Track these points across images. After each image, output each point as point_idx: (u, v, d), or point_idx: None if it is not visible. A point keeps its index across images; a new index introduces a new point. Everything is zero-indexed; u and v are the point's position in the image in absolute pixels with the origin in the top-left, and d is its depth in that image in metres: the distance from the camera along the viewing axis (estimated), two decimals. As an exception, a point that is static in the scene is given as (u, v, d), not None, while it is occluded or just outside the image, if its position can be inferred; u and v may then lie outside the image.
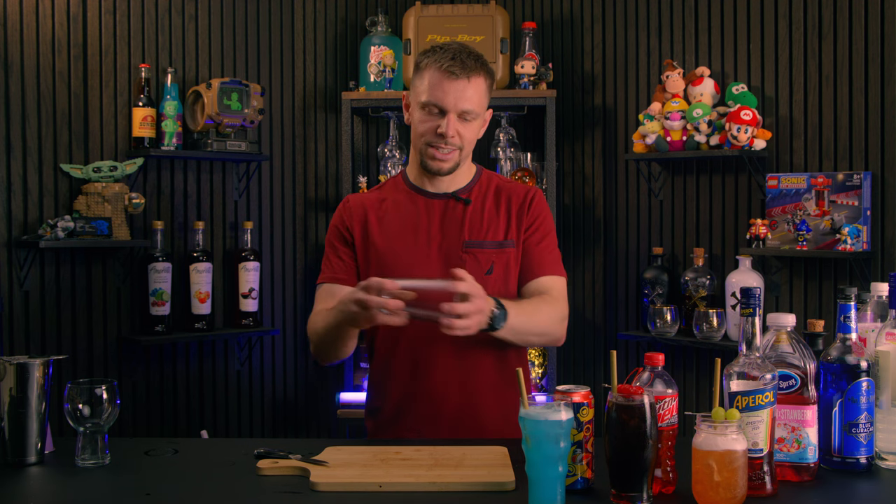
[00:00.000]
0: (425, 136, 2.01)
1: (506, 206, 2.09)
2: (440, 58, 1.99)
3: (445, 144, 1.99)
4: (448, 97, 1.97)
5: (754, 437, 1.47)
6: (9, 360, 1.68)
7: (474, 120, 2.02)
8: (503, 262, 2.04)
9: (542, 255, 2.08)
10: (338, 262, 2.09)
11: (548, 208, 2.14)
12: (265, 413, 3.65)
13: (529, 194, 2.11)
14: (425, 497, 1.49)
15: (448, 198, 2.08)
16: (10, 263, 3.00)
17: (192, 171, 3.44)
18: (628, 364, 3.55)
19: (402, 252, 2.03)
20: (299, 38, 3.73)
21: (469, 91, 1.99)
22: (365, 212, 2.09)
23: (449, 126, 1.98)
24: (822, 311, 3.08)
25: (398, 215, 2.08)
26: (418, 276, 1.89)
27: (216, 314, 3.44)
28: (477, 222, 2.05)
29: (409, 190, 2.11)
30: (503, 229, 2.06)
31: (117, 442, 1.79)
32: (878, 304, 1.77)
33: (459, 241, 2.03)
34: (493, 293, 1.97)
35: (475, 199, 2.08)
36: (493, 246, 2.04)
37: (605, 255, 3.68)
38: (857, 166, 3.01)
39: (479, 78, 2.01)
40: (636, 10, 3.56)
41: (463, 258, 2.01)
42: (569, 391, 1.49)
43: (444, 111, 1.98)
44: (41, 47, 3.07)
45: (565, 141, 3.73)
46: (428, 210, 2.07)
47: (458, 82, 1.97)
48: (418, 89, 2.02)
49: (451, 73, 1.97)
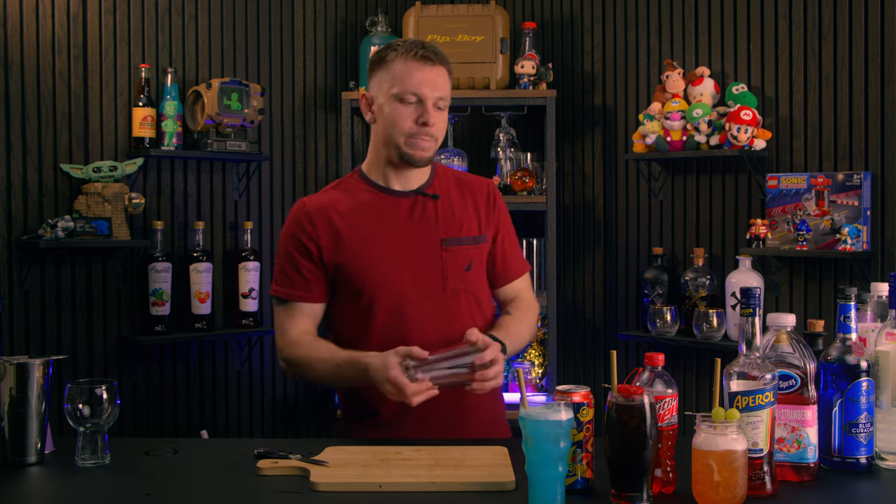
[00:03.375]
0: (405, 129, 1.95)
1: (472, 200, 2.07)
2: (410, 47, 1.96)
3: (427, 135, 1.95)
4: (424, 85, 1.94)
5: (754, 437, 1.47)
6: (9, 360, 1.68)
7: (444, 110, 1.99)
8: (479, 257, 2.04)
9: (512, 257, 2.13)
10: (298, 278, 2.00)
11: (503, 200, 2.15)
12: (265, 413, 3.65)
13: (491, 189, 2.11)
14: (425, 497, 1.49)
15: (416, 194, 2.03)
16: (10, 263, 3.00)
17: (192, 171, 3.44)
18: (628, 364, 3.55)
19: (376, 255, 1.98)
20: (299, 38, 3.73)
21: (441, 79, 1.97)
22: (327, 215, 2.00)
23: (430, 114, 1.94)
24: (822, 311, 3.08)
25: (365, 216, 2.01)
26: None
27: (216, 314, 3.44)
28: (450, 218, 2.03)
29: (374, 190, 2.04)
30: (475, 224, 2.05)
31: (117, 442, 1.79)
32: (878, 304, 1.77)
33: (436, 239, 2.00)
34: (471, 288, 2.01)
35: (442, 194, 2.05)
36: (470, 242, 2.02)
37: (605, 255, 3.68)
38: (857, 166, 3.01)
39: (445, 69, 1.99)
40: (636, 10, 3.56)
41: (442, 256, 1.99)
42: (569, 391, 1.49)
43: (422, 99, 1.94)
44: (41, 47, 3.07)
45: (565, 141, 3.73)
46: (398, 210, 2.02)
47: (434, 69, 1.95)
48: (387, 82, 1.96)
49: (426, 58, 1.94)
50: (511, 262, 2.12)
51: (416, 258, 1.99)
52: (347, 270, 1.98)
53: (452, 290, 1.98)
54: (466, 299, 2.01)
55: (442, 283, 1.98)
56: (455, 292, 1.98)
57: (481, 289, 2.06)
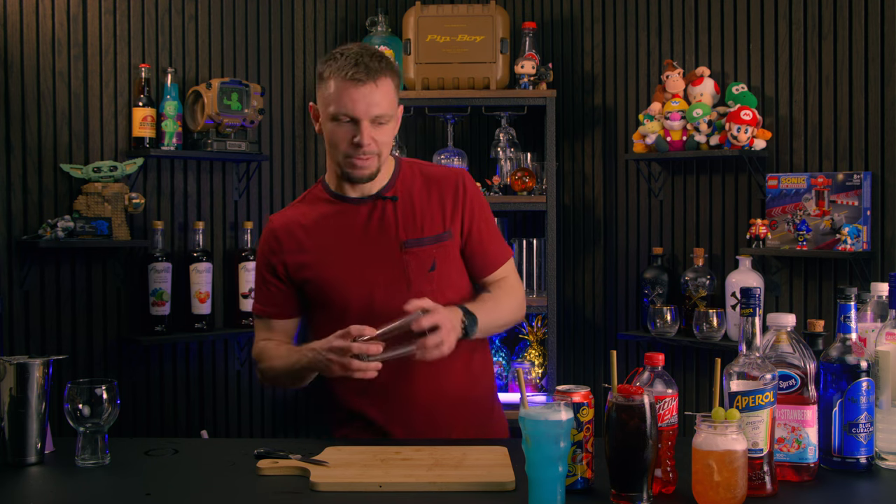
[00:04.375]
0: (341, 149, 1.94)
1: (438, 195, 2.03)
2: (343, 65, 1.90)
3: (364, 153, 1.93)
4: (358, 105, 1.89)
5: (754, 437, 1.47)
6: (9, 360, 1.68)
7: (387, 123, 1.95)
8: (444, 255, 2.00)
9: (491, 247, 2.07)
10: (266, 295, 2.05)
11: (478, 189, 2.10)
12: (265, 413, 3.65)
13: (460, 181, 2.05)
14: (425, 497, 1.49)
15: (374, 199, 2.01)
16: (10, 263, 3.00)
17: (192, 171, 3.43)
18: (628, 364, 3.55)
19: (340, 265, 1.98)
20: (299, 38, 3.73)
21: (377, 95, 1.90)
22: (291, 232, 2.02)
23: (364, 135, 1.90)
24: (822, 311, 3.08)
25: (327, 228, 2.01)
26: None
27: (216, 314, 3.44)
28: (410, 219, 2.00)
29: (332, 199, 2.03)
30: (439, 220, 2.01)
31: (117, 442, 1.79)
32: (878, 304, 1.77)
33: (396, 243, 1.98)
34: (438, 288, 1.97)
35: (402, 195, 2.02)
36: (432, 241, 1.99)
37: (605, 255, 3.68)
38: (857, 166, 3.01)
39: (385, 79, 1.92)
40: (636, 10, 3.56)
41: (404, 259, 1.97)
42: (569, 391, 1.49)
43: (356, 120, 1.91)
44: (41, 47, 3.07)
45: (565, 141, 3.73)
46: (356, 216, 2.01)
47: (365, 87, 1.89)
48: (325, 100, 1.95)
49: (357, 79, 1.88)
50: (490, 252, 2.07)
51: (378, 264, 1.97)
52: (314, 284, 2.00)
53: (417, 291, 1.94)
54: (434, 299, 1.92)
55: (406, 286, 1.96)
56: (420, 294, 1.92)
57: (451, 287, 2.01)
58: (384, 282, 1.96)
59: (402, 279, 1.97)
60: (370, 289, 1.96)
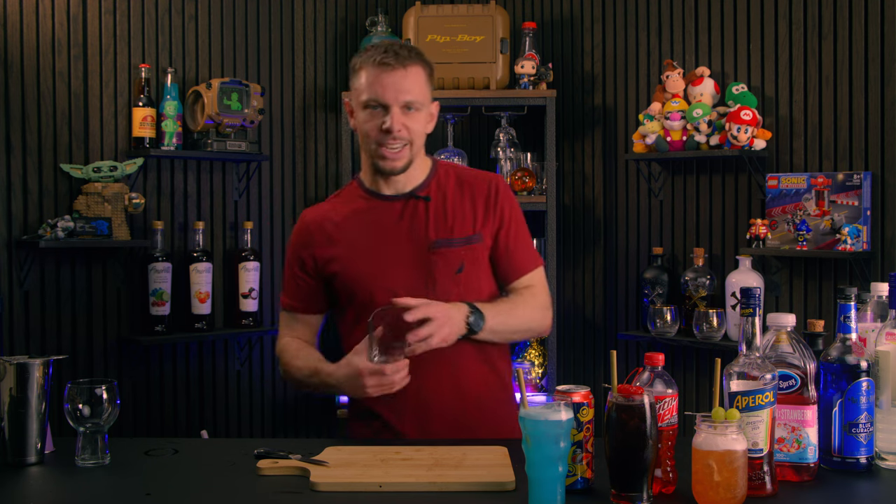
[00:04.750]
0: (372, 136, 1.95)
1: (470, 197, 2.03)
2: (373, 53, 1.94)
3: (394, 140, 1.93)
4: (387, 90, 1.91)
5: (754, 437, 1.47)
6: (9, 360, 1.68)
7: (419, 111, 1.95)
8: (473, 258, 1.99)
9: (518, 253, 2.06)
10: (294, 289, 2.07)
11: (512, 195, 2.09)
12: (265, 413, 3.65)
13: (493, 184, 2.05)
14: (425, 497, 1.49)
15: (407, 198, 2.02)
16: (10, 263, 3.00)
17: (192, 171, 3.44)
18: (628, 364, 3.55)
19: (367, 261, 1.98)
20: (299, 38, 3.73)
21: (408, 81, 1.93)
22: (322, 227, 2.04)
23: (394, 120, 1.92)
24: (822, 311, 3.08)
25: (358, 224, 2.02)
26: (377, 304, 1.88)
27: (216, 314, 3.44)
28: (441, 219, 2.00)
29: (366, 195, 2.05)
30: (470, 223, 2.00)
31: (117, 442, 1.79)
32: (878, 304, 1.77)
33: (426, 242, 1.98)
34: (465, 291, 1.96)
35: (435, 195, 2.02)
36: (462, 243, 1.98)
37: (605, 255, 3.68)
38: (857, 166, 3.01)
39: (416, 67, 1.95)
40: (636, 10, 3.56)
41: (432, 259, 1.96)
42: (569, 391, 1.49)
43: (386, 106, 1.92)
44: (41, 47, 3.07)
45: (565, 141, 3.73)
46: (388, 214, 2.01)
47: (395, 73, 1.91)
48: (357, 90, 1.97)
49: (386, 64, 1.91)
50: (517, 258, 2.06)
51: (404, 262, 1.97)
52: (341, 278, 2.01)
53: (442, 292, 1.94)
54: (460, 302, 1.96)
55: (432, 286, 1.96)
56: (446, 296, 1.94)
57: (477, 290, 2.00)
58: (409, 280, 1.96)
59: (429, 279, 1.96)
60: (395, 286, 1.95)
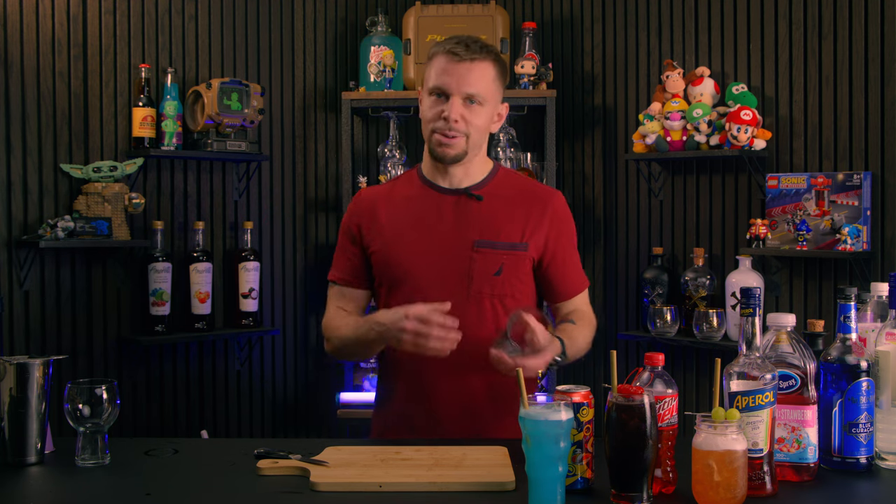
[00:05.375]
0: (431, 123, 1.98)
1: (525, 206, 2.03)
2: (447, 43, 1.97)
3: (450, 129, 1.95)
4: (451, 80, 1.94)
5: (754, 437, 1.47)
6: (9, 360, 1.68)
7: (482, 105, 1.97)
8: (513, 264, 1.99)
9: (570, 273, 2.09)
10: (346, 264, 2.09)
11: (569, 214, 2.10)
12: (265, 413, 3.65)
13: (551, 199, 2.06)
14: (425, 497, 1.49)
15: (460, 193, 2.03)
16: (10, 263, 3.00)
17: (192, 171, 3.44)
18: (628, 364, 3.55)
19: (407, 246, 2.00)
20: (299, 38, 3.73)
21: (473, 74, 1.95)
22: (374, 206, 2.07)
23: (453, 109, 1.94)
24: (822, 311, 3.08)
25: (408, 209, 2.04)
26: (431, 276, 1.91)
27: (216, 314, 3.44)
28: (490, 221, 2.01)
29: (422, 184, 2.07)
30: (519, 231, 2.01)
31: (117, 442, 1.79)
32: (878, 304, 1.77)
33: (470, 240, 1.99)
34: (500, 294, 1.98)
35: (489, 197, 2.03)
36: (506, 247, 1.99)
37: (605, 255, 3.68)
38: (857, 166, 3.01)
39: (485, 63, 1.97)
40: (636, 10, 3.56)
41: (472, 257, 1.97)
42: (569, 391, 1.49)
43: (448, 95, 1.95)
44: (41, 47, 3.07)
45: (565, 141, 3.73)
46: (438, 205, 2.03)
47: (462, 65, 1.94)
48: (427, 78, 2.00)
49: (454, 54, 1.94)
50: (569, 280, 2.09)
51: (444, 255, 1.98)
52: (378, 257, 2.03)
53: (477, 292, 1.96)
54: (492, 304, 1.97)
55: (467, 283, 1.97)
56: (479, 296, 1.96)
57: (513, 297, 2.00)
58: (445, 273, 1.97)
59: (465, 275, 1.97)
60: (429, 277, 1.97)
